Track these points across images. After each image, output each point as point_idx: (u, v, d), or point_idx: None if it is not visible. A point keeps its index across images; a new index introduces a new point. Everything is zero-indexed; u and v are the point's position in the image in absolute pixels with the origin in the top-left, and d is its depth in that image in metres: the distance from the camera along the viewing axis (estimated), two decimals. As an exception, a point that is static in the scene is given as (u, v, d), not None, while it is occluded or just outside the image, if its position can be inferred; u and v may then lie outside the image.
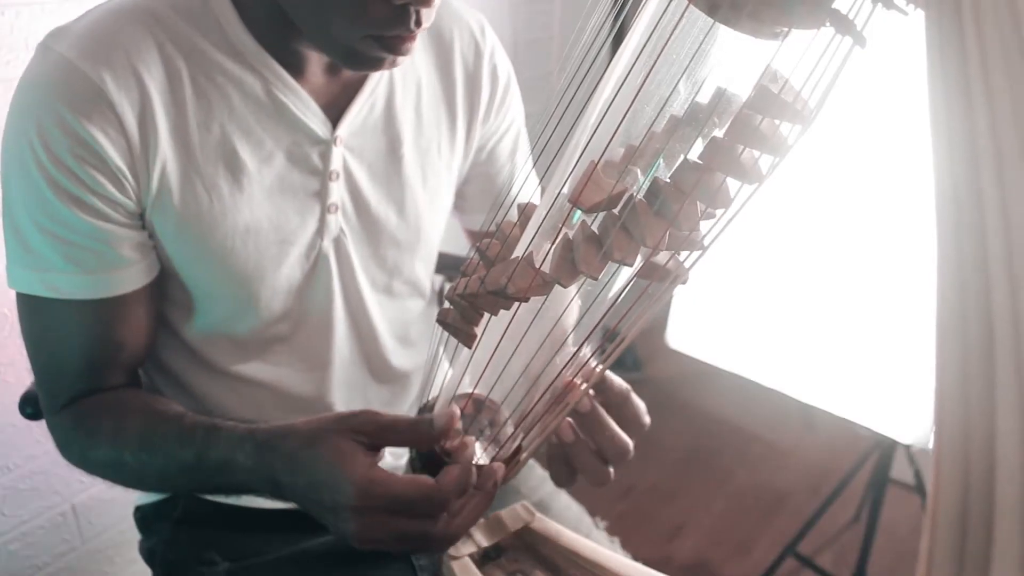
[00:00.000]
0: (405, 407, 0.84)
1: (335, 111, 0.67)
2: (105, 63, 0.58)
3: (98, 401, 0.66)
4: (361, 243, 0.72)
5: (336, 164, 0.68)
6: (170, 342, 0.73)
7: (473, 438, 0.53)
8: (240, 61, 0.62)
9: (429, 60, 0.74)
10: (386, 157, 0.72)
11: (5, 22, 1.03)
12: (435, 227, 0.79)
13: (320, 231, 0.69)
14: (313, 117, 0.66)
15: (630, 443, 0.55)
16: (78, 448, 0.65)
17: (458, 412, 0.51)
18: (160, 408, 0.64)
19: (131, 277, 0.63)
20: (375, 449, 0.51)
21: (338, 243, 0.71)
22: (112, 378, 0.67)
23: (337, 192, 0.69)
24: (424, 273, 0.81)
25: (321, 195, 0.68)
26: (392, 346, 0.80)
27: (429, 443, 0.51)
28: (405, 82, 0.72)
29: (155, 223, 0.63)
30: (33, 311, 0.64)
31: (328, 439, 0.50)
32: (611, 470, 0.56)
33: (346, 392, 0.78)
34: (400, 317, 0.80)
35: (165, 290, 0.69)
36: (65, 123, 0.57)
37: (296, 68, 0.64)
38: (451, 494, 0.48)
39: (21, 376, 1.16)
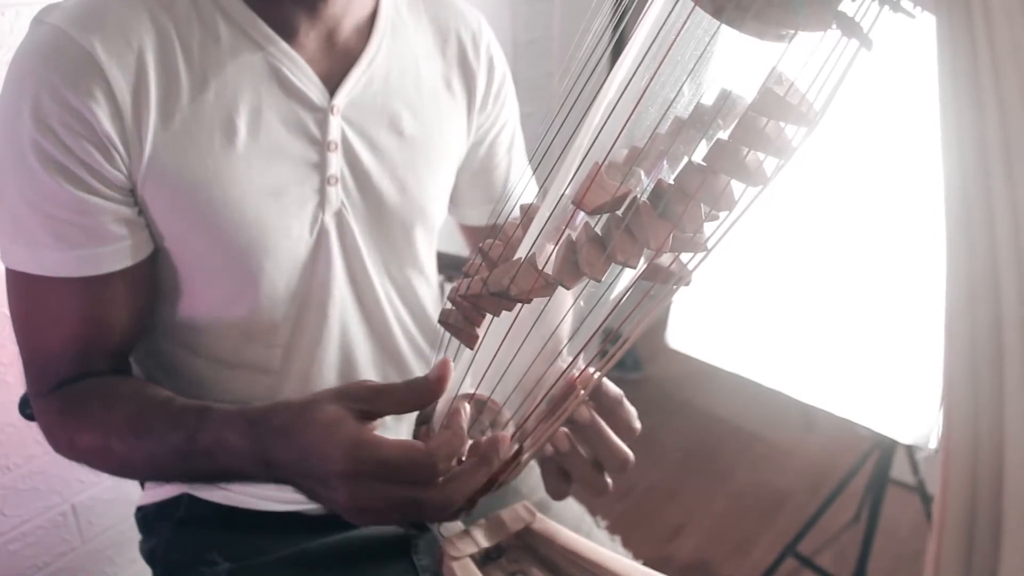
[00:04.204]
0: None
1: (332, 82, 0.68)
2: (96, 31, 0.58)
3: (86, 386, 0.65)
4: (363, 219, 0.72)
5: (334, 134, 0.68)
6: (169, 333, 0.73)
7: (466, 404, 0.52)
8: (234, 27, 0.63)
9: (427, 44, 0.76)
10: (387, 133, 0.72)
11: (5, 22, 1.03)
12: (438, 207, 0.79)
13: (321, 203, 0.69)
14: (310, 84, 0.66)
15: (630, 453, 0.55)
16: (65, 435, 0.65)
17: (451, 361, 0.50)
18: (150, 393, 0.63)
19: (119, 255, 0.63)
20: (370, 418, 0.50)
21: (340, 217, 0.71)
22: (100, 363, 0.67)
23: (336, 163, 0.69)
24: (427, 255, 0.81)
25: (320, 166, 0.68)
26: (397, 329, 0.79)
27: (428, 399, 0.50)
28: (403, 62, 0.73)
29: (147, 196, 0.63)
30: (22, 290, 0.64)
31: (320, 407, 0.50)
32: (609, 480, 0.55)
33: (350, 376, 0.77)
34: (404, 299, 0.80)
35: (161, 279, 0.69)
36: (55, 91, 0.57)
37: (290, 35, 0.65)
38: (440, 459, 0.47)
39: (21, 376, 1.15)
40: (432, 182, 0.76)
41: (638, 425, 0.57)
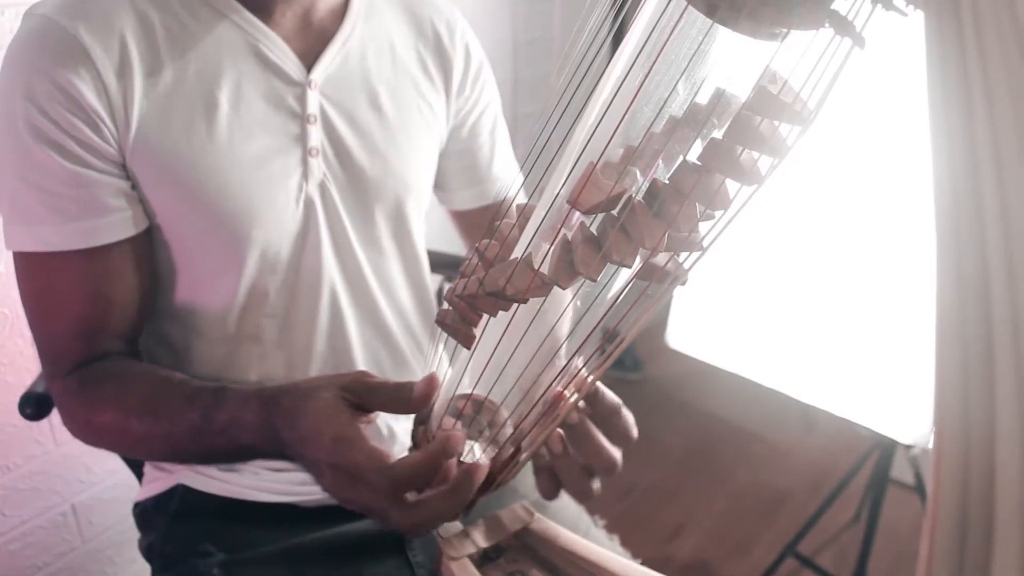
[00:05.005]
0: (403, 372, 0.84)
1: (309, 58, 0.71)
2: (80, 17, 0.62)
3: (102, 367, 0.67)
4: (345, 191, 0.74)
5: (313, 108, 0.71)
6: (172, 315, 0.74)
7: (463, 432, 0.52)
8: (211, 9, 0.67)
9: (402, 28, 0.79)
10: (366, 109, 0.74)
11: (5, 22, 1.03)
12: (424, 185, 0.81)
13: (304, 174, 0.71)
14: (287, 59, 0.69)
15: (618, 458, 0.56)
16: (82, 415, 0.67)
17: (439, 377, 0.51)
18: (164, 374, 0.66)
19: (116, 226, 0.65)
20: (362, 411, 0.52)
21: (323, 189, 0.73)
22: (108, 343, 0.69)
23: (316, 136, 0.71)
24: (418, 233, 0.82)
25: (301, 138, 0.71)
26: (384, 303, 0.80)
27: (408, 408, 0.52)
28: (378, 42, 0.76)
29: (136, 170, 0.65)
30: (28, 271, 0.66)
31: (318, 394, 0.52)
32: (596, 485, 0.56)
33: (341, 347, 0.78)
34: (392, 274, 0.81)
35: (159, 260, 0.71)
36: (44, 72, 0.61)
37: (266, 15, 0.69)
38: (402, 478, 0.48)
39: (21, 376, 1.16)
40: (413, 158, 0.78)
41: (635, 433, 0.58)
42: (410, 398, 0.51)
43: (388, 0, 0.78)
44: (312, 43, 0.71)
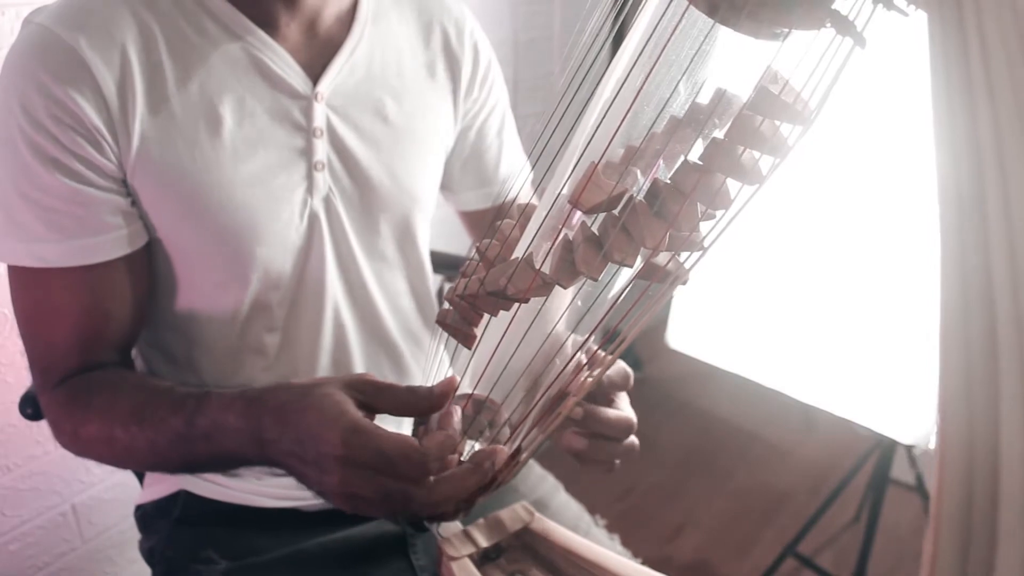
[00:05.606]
0: (407, 382, 0.83)
1: (315, 70, 0.69)
2: (80, 29, 0.60)
3: (92, 378, 0.66)
4: (352, 204, 0.73)
5: (319, 121, 0.69)
6: (171, 324, 0.73)
7: (457, 408, 0.53)
8: (215, 21, 0.65)
9: (410, 33, 0.77)
10: (373, 119, 0.73)
11: (5, 22, 1.03)
12: (429, 193, 0.80)
13: (309, 189, 0.70)
14: (292, 73, 0.68)
15: (632, 416, 0.56)
16: (70, 426, 0.65)
17: (457, 379, 0.51)
18: (153, 383, 0.64)
19: (114, 244, 0.64)
20: (369, 411, 0.51)
21: (328, 203, 0.72)
22: (102, 354, 0.68)
23: (322, 150, 0.70)
24: (423, 241, 0.82)
25: (306, 152, 0.69)
26: (387, 315, 0.80)
27: (427, 410, 0.51)
28: (385, 50, 0.74)
29: (137, 186, 0.64)
30: (23, 284, 0.65)
31: (322, 390, 0.51)
32: (634, 441, 0.57)
33: (343, 360, 0.78)
34: (397, 285, 0.80)
35: (158, 270, 0.70)
36: (43, 86, 0.59)
37: (271, 27, 0.67)
38: (432, 458, 0.48)
39: (21, 376, 1.16)
40: (420, 167, 0.77)
41: (632, 419, 0.57)
42: (428, 397, 0.50)
43: (396, 2, 0.77)
44: (318, 53, 0.70)
